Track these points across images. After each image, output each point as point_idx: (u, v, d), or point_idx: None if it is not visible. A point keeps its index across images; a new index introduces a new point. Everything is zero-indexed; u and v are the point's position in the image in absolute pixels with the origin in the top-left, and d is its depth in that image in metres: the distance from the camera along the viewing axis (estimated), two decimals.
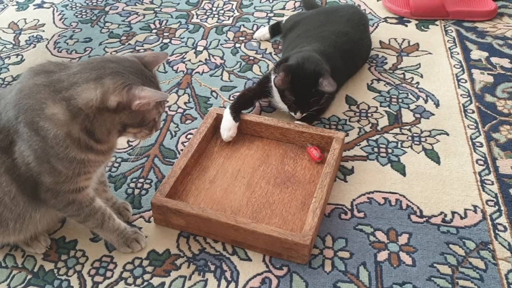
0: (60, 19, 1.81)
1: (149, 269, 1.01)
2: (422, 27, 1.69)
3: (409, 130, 1.31)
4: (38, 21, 1.80)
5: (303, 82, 1.21)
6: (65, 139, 0.84)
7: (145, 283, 0.99)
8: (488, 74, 1.48)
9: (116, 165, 1.24)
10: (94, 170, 0.92)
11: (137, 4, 1.88)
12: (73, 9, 1.86)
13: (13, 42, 1.70)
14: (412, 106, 1.38)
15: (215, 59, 1.58)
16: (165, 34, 1.70)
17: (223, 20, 1.77)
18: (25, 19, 1.82)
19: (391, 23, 1.72)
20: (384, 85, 1.45)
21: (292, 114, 1.26)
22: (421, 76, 1.48)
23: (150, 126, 0.92)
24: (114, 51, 1.62)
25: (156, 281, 0.99)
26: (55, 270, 1.02)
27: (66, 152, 0.85)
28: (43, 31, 1.75)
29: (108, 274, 1.01)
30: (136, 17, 1.80)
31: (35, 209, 0.94)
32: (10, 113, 0.85)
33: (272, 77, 1.28)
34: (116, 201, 1.10)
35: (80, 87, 0.83)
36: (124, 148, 1.28)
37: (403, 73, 1.49)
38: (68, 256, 1.04)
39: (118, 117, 0.86)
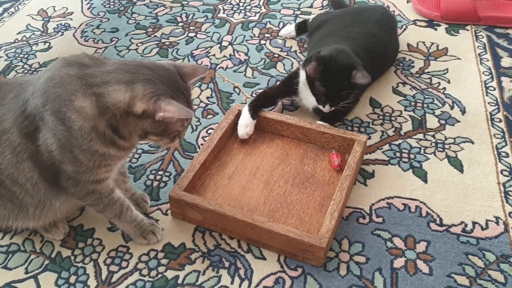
0: (88, 8, 1.82)
1: (164, 261, 1.02)
2: (452, 32, 1.66)
3: (433, 136, 1.28)
4: (67, 9, 1.82)
5: (335, 74, 1.19)
6: (90, 132, 0.85)
7: (159, 275, 0.99)
8: None
9: (136, 156, 1.24)
10: (115, 163, 0.93)
11: None
12: None
13: (42, 29, 1.72)
14: (438, 112, 1.35)
15: (239, 55, 1.57)
16: (191, 27, 1.71)
17: (249, 16, 1.76)
18: (54, 6, 1.85)
19: (420, 26, 1.69)
20: (410, 89, 1.43)
21: (320, 107, 1.24)
22: (448, 82, 1.45)
23: (172, 136, 0.92)
24: (139, 42, 1.63)
25: (170, 274, 0.99)
26: (72, 257, 1.03)
27: (89, 145, 0.86)
28: (71, 19, 1.77)
29: (124, 264, 1.02)
30: (163, 9, 1.81)
31: (56, 197, 0.96)
32: (38, 100, 0.86)
33: (301, 72, 1.28)
34: (135, 192, 1.11)
35: (111, 87, 0.84)
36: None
37: (430, 78, 1.47)
38: (85, 244, 1.06)
39: (142, 123, 0.87)
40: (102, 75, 0.85)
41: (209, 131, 1.31)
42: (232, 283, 0.98)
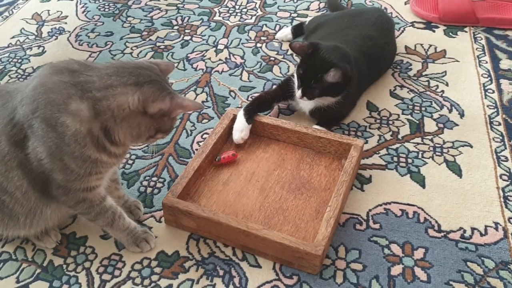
0: (83, 12, 1.81)
1: (157, 270, 1.00)
2: (450, 33, 1.64)
3: (431, 140, 1.26)
4: (61, 13, 1.81)
5: (316, 63, 1.19)
6: (86, 136, 0.83)
7: (153, 284, 0.97)
8: None
9: (130, 162, 1.23)
10: (106, 171, 0.92)
11: None
12: (96, 2, 1.86)
13: (36, 33, 1.70)
14: (436, 115, 1.33)
15: (235, 58, 1.56)
16: (186, 31, 1.69)
17: (245, 19, 1.74)
18: (48, 10, 1.83)
19: (418, 28, 1.67)
20: (408, 92, 1.41)
21: (296, 91, 1.24)
22: (447, 84, 1.44)
23: (169, 132, 0.94)
24: (134, 46, 1.62)
25: (163, 282, 0.98)
26: (64, 266, 1.01)
27: (82, 151, 0.84)
28: (66, 23, 1.75)
29: (116, 272, 1.00)
30: (159, 13, 1.79)
31: (46, 205, 0.94)
32: (27, 107, 0.84)
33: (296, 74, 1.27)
34: (128, 199, 1.10)
35: (117, 90, 0.83)
36: (139, 145, 1.27)
37: (428, 81, 1.45)
38: (77, 252, 1.04)
39: (156, 122, 0.88)
40: (101, 79, 0.84)
41: (204, 135, 1.30)
42: None
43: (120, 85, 0.84)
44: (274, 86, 1.39)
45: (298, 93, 1.22)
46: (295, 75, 1.27)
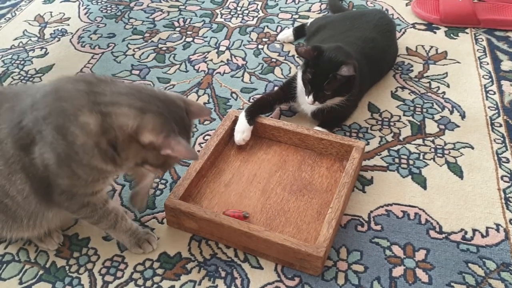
0: (85, 14, 1.81)
1: (160, 271, 1.00)
2: (452, 35, 1.64)
3: (433, 141, 1.27)
4: (64, 15, 1.81)
5: (324, 63, 1.19)
6: (93, 148, 0.83)
7: (155, 286, 0.98)
8: None
9: None
10: (112, 176, 0.93)
11: (162, 1, 1.87)
12: (99, 3, 1.87)
13: (38, 35, 1.71)
14: (437, 117, 1.34)
15: (237, 60, 1.56)
16: (188, 32, 1.69)
17: (247, 21, 1.75)
18: (51, 12, 1.83)
19: (419, 30, 1.67)
20: (409, 93, 1.41)
21: (306, 98, 1.23)
22: (448, 86, 1.44)
23: (166, 169, 0.93)
24: (136, 47, 1.62)
25: (165, 284, 0.98)
26: (67, 267, 1.02)
27: (90, 161, 0.84)
28: (68, 25, 1.76)
29: (119, 274, 1.00)
30: (161, 14, 1.79)
31: (48, 209, 0.95)
32: (38, 113, 0.84)
33: (298, 75, 1.27)
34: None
35: (120, 110, 0.83)
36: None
37: (429, 82, 1.45)
38: (80, 253, 1.04)
39: (144, 153, 0.86)
40: (112, 95, 0.84)
41: (206, 137, 1.30)
42: None
43: (126, 105, 0.83)
44: (276, 88, 1.39)
45: (309, 99, 1.21)
46: (298, 79, 1.27)
